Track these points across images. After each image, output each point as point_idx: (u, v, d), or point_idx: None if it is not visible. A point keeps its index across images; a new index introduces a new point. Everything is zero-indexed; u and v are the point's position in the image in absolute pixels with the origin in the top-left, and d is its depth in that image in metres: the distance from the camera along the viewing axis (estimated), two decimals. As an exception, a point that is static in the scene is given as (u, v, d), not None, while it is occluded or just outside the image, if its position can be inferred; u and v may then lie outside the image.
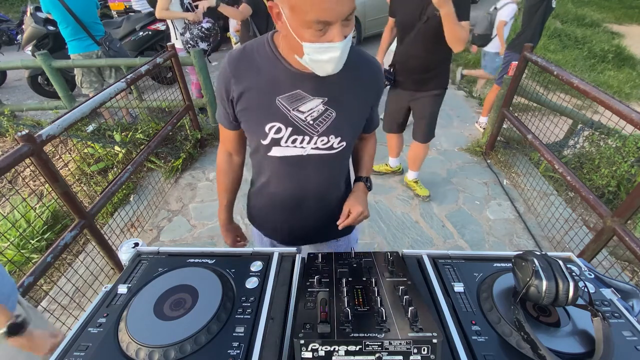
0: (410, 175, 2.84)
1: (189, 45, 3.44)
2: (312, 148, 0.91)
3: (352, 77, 0.88)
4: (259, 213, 1.15)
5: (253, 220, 1.20)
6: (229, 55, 0.88)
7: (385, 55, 2.58)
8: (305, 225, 1.10)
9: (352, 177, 1.16)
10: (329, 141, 0.90)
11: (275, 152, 0.91)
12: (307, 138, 0.89)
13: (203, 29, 3.44)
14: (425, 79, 2.25)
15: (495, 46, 3.86)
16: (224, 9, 3.04)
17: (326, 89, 0.86)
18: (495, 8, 3.75)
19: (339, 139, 0.91)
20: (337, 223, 1.01)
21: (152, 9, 5.00)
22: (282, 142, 0.89)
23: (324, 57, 0.74)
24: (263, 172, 1.02)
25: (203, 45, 3.45)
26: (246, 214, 1.21)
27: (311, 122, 0.87)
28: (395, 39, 2.37)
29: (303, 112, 0.86)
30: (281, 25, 0.75)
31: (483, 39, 3.92)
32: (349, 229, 1.18)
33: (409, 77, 2.30)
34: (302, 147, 0.90)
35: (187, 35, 3.42)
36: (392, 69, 2.35)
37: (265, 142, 0.89)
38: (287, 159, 0.93)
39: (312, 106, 0.86)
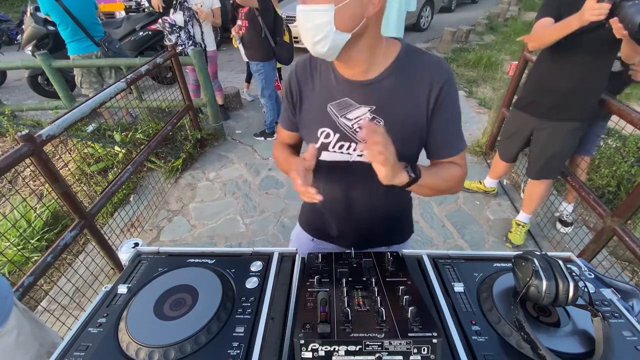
0: (519, 217, 2.40)
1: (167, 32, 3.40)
2: (358, 155, 0.91)
3: (405, 83, 0.83)
4: (311, 215, 1.16)
5: (304, 223, 1.21)
6: (297, 62, 0.95)
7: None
8: (355, 231, 1.09)
9: None
10: None
11: (324, 156, 0.93)
12: (353, 145, 0.89)
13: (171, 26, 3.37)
14: (568, 104, 1.82)
15: None
16: None
17: (374, 97, 0.84)
18: None
19: None
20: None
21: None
22: (330, 147, 0.91)
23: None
24: (315, 176, 1.02)
25: (173, 38, 3.37)
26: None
27: (358, 129, 0.87)
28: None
29: (350, 120, 0.87)
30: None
31: None
32: (401, 238, 1.14)
33: (545, 98, 1.85)
34: (348, 153, 0.91)
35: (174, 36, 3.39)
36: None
37: (317, 145, 0.92)
38: (335, 164, 0.94)
39: (359, 114, 0.86)
